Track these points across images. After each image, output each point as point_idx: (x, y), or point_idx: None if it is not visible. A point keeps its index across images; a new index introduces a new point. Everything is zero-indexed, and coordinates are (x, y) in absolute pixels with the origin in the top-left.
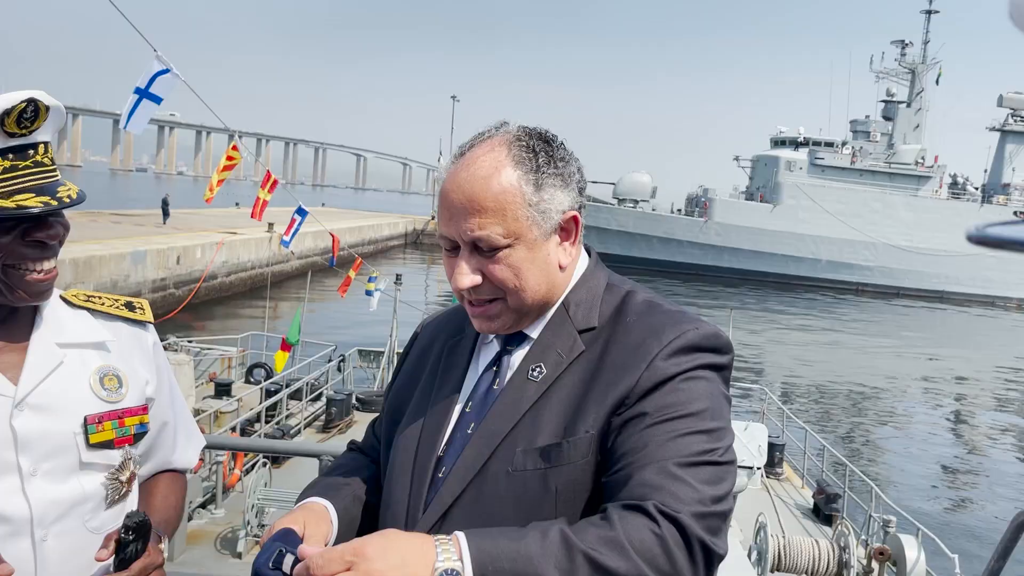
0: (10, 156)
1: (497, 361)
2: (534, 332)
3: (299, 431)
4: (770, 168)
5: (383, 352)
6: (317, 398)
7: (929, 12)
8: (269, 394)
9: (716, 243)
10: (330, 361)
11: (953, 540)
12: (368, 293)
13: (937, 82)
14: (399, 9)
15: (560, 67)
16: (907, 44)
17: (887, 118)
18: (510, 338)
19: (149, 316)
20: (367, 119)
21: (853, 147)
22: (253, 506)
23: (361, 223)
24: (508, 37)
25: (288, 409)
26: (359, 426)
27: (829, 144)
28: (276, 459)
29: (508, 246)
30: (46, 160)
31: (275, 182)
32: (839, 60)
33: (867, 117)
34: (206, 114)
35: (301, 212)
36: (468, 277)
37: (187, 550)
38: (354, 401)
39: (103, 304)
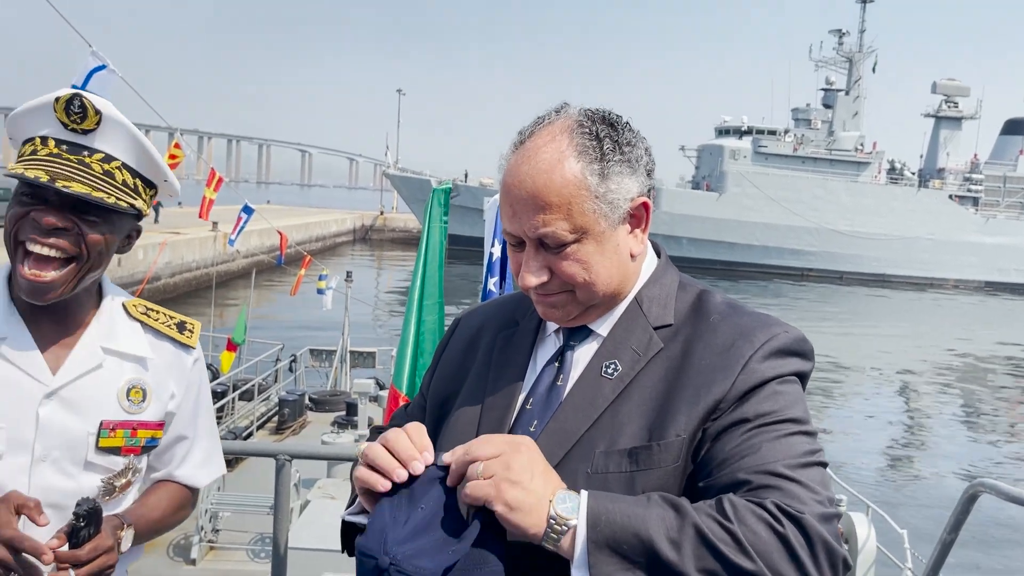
0: (63, 147)
1: (559, 356)
2: (601, 328)
3: (251, 433)
4: (715, 157)
5: (335, 351)
6: (267, 399)
7: (864, 2)
8: (216, 396)
9: (664, 232)
10: (278, 361)
11: (902, 516)
12: (320, 292)
13: (873, 70)
14: (342, 2)
15: (506, 56)
16: (844, 33)
17: (827, 106)
18: (573, 333)
19: (195, 342)
20: (312, 114)
21: (795, 135)
22: (207, 511)
23: (308, 220)
24: (454, 29)
25: (237, 411)
26: (313, 426)
27: (772, 132)
28: (230, 462)
29: (576, 241)
30: (97, 168)
31: (220, 180)
32: (781, 48)
33: (808, 105)
34: (141, 111)
35: (247, 210)
36: (535, 275)
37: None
38: (307, 401)
39: (158, 320)
